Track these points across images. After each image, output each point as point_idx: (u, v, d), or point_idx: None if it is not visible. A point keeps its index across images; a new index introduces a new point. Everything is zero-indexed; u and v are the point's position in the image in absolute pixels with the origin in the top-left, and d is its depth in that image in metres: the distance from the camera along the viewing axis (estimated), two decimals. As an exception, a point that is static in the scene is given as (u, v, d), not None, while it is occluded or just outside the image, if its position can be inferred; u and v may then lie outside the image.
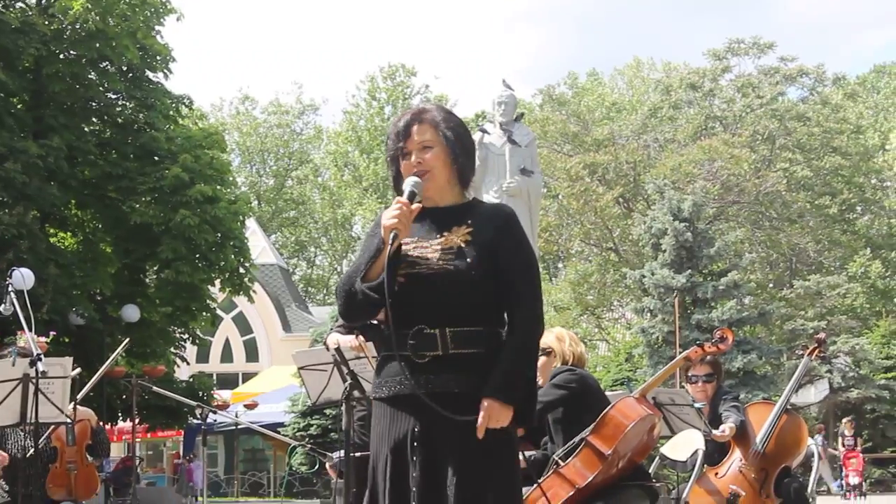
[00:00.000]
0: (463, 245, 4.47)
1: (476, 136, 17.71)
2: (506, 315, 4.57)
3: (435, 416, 4.38)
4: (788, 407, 8.57)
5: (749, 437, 8.36)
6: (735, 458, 8.33)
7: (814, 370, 32.64)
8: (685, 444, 7.85)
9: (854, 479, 30.44)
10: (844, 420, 31.97)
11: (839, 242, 45.91)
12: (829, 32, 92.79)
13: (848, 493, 30.18)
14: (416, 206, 4.44)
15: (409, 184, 4.49)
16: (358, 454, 8.29)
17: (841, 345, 34.14)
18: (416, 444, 4.42)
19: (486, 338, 4.47)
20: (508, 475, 4.52)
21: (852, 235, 46.94)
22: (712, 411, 8.48)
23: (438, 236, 4.53)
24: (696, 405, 8.24)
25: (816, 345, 9.06)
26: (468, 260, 4.45)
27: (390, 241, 4.35)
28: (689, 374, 8.74)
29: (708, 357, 8.02)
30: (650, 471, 7.72)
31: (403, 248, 4.49)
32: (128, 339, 11.44)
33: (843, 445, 31.29)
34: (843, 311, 40.41)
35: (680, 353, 8.76)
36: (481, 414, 4.35)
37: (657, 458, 8.69)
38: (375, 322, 5.07)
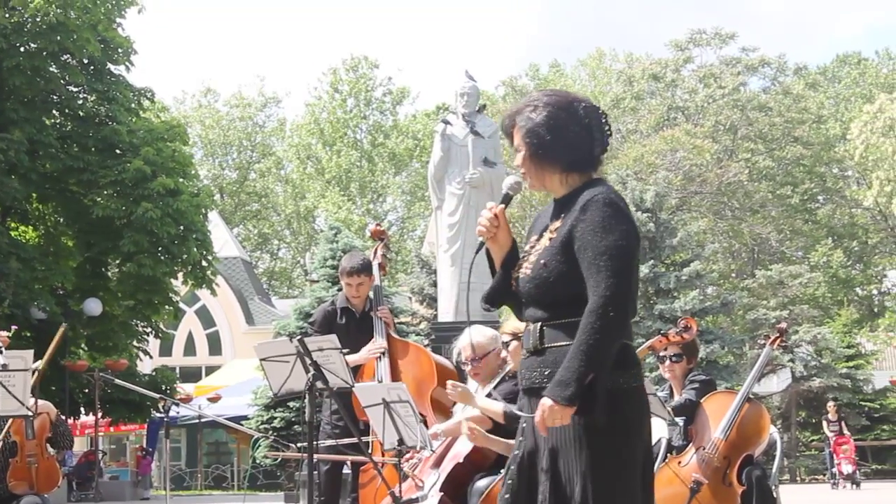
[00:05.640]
0: (548, 243, 4.60)
1: (438, 127, 17.69)
2: None
3: None
4: (751, 396, 8.61)
5: (711, 426, 8.40)
6: (698, 447, 8.37)
7: (776, 360, 32.75)
8: (648, 433, 7.86)
9: (847, 468, 28.95)
10: (829, 405, 30.80)
11: (801, 232, 46.22)
12: (792, 23, 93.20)
13: (838, 483, 28.85)
14: (499, 207, 4.75)
15: (505, 185, 4.75)
16: (329, 443, 8.41)
17: (803, 334, 34.27)
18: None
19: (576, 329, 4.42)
20: (607, 467, 4.40)
21: (814, 225, 47.26)
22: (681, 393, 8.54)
23: (545, 232, 4.68)
24: (659, 394, 8.28)
25: (778, 334, 9.09)
26: (546, 259, 4.57)
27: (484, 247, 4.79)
28: (660, 354, 8.81)
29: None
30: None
31: (525, 244, 4.78)
32: (63, 325, 11.26)
33: (829, 431, 29.89)
34: (805, 301, 40.67)
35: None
36: (537, 411, 4.38)
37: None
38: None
